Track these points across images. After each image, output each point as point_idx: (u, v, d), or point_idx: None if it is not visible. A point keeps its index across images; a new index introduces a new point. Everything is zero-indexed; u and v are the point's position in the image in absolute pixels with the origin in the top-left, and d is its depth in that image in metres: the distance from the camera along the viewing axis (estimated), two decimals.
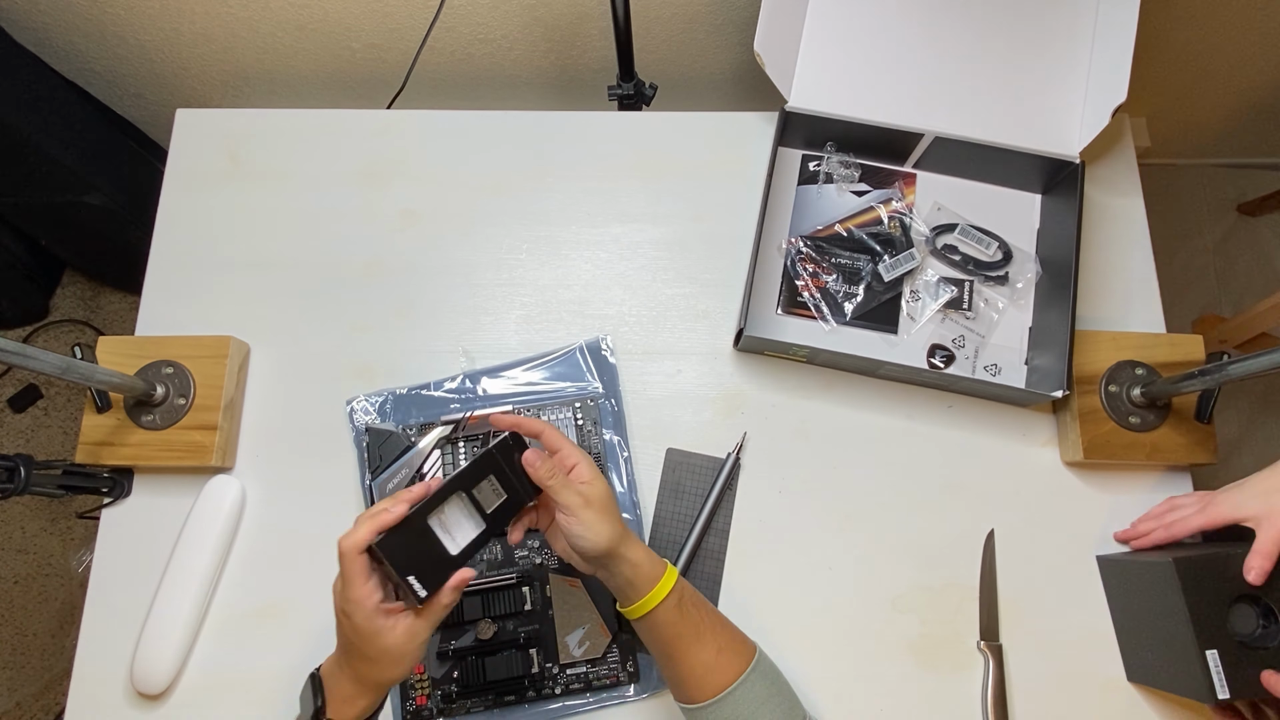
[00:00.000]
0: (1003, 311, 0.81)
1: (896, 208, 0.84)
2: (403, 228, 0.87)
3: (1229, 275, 1.52)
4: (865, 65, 0.83)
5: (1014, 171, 0.84)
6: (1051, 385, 0.74)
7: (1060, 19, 0.81)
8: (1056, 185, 0.83)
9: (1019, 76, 0.82)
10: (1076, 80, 0.81)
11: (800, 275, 0.82)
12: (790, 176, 0.87)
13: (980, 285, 0.83)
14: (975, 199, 0.86)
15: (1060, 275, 0.78)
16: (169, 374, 0.77)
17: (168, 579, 0.73)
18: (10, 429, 1.44)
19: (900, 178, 0.87)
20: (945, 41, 0.82)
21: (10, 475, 0.67)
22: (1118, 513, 0.77)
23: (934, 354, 0.80)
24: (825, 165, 0.86)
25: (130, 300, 1.52)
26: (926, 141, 0.82)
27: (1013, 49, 0.82)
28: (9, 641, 1.34)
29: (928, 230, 0.84)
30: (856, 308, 0.82)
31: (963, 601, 0.75)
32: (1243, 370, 0.62)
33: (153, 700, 0.71)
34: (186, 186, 0.88)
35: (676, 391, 0.81)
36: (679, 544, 0.76)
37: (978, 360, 0.80)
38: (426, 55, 0.96)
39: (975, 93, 0.82)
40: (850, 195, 0.86)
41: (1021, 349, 0.81)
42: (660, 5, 0.99)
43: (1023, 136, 0.81)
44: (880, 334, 0.81)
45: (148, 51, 1.07)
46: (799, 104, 0.82)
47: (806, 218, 0.85)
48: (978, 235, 0.83)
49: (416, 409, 0.79)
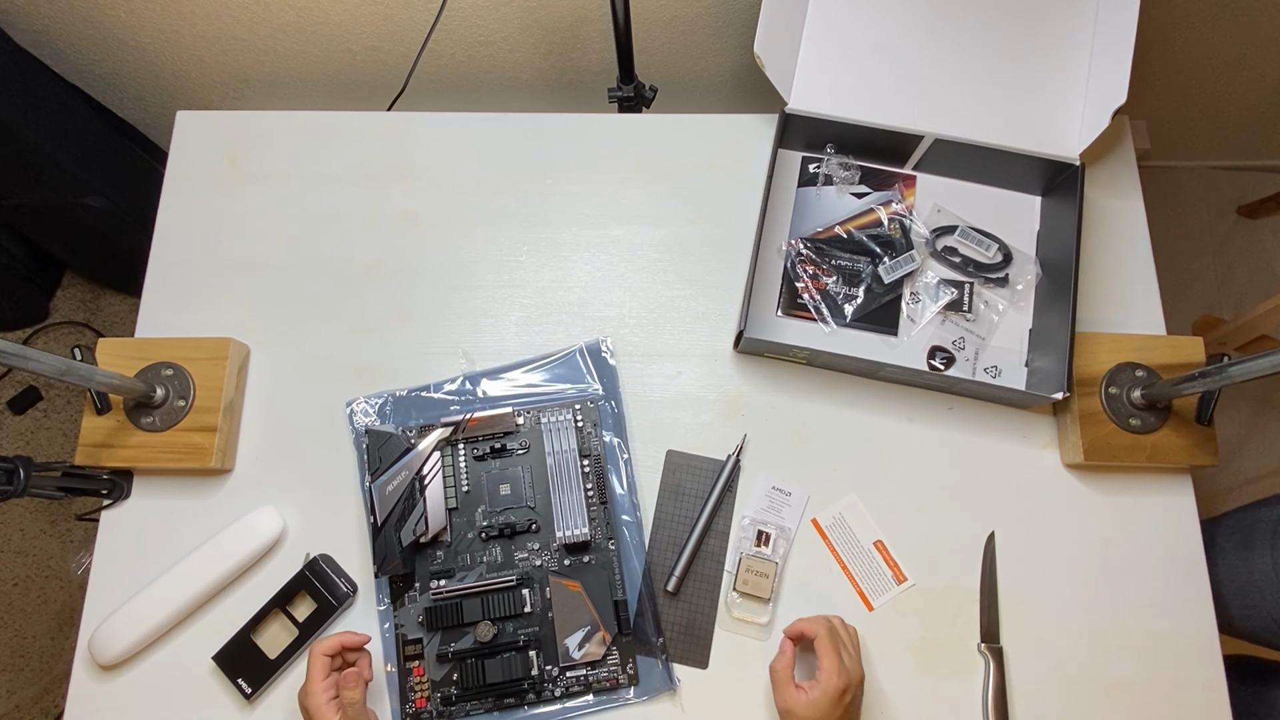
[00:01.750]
0: (1003, 314, 0.81)
1: (896, 210, 0.84)
2: (403, 230, 0.87)
3: (1229, 277, 1.52)
4: (865, 67, 0.83)
5: (1014, 173, 0.84)
6: (1052, 387, 0.74)
7: (1060, 21, 0.82)
8: (1056, 187, 0.83)
9: (1019, 78, 0.82)
10: (1076, 82, 0.81)
11: (800, 277, 0.82)
12: (790, 178, 0.87)
13: (980, 287, 0.83)
14: (975, 201, 0.86)
15: (1060, 277, 0.78)
16: (169, 376, 0.77)
17: (172, 573, 0.73)
18: (10, 431, 1.44)
19: (900, 179, 0.87)
20: (945, 43, 0.83)
21: (10, 477, 0.67)
22: (1118, 515, 0.77)
23: (934, 355, 0.80)
24: (825, 167, 0.86)
25: (130, 302, 1.52)
26: (926, 144, 0.82)
27: (1012, 51, 0.82)
28: (8, 644, 1.34)
29: (927, 232, 0.84)
30: (856, 310, 0.81)
31: (963, 604, 0.75)
32: (1243, 372, 0.62)
33: (103, 671, 0.73)
34: (187, 188, 0.88)
35: (677, 393, 0.81)
36: (679, 546, 0.76)
37: (978, 362, 0.80)
38: (427, 57, 0.96)
39: (975, 94, 0.82)
40: (850, 197, 0.86)
41: (1022, 350, 0.81)
42: (660, 8, 0.99)
43: (1022, 138, 0.81)
44: (880, 336, 0.81)
45: (148, 54, 1.08)
46: (799, 106, 0.82)
47: (806, 219, 0.85)
48: (977, 237, 0.83)
49: (416, 411, 0.79)
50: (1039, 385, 0.77)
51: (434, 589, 0.73)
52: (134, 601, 0.72)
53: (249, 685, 0.71)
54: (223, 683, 0.72)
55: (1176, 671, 0.73)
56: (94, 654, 0.72)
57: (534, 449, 0.77)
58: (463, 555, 0.74)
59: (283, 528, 0.76)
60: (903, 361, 0.78)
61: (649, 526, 0.77)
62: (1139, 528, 0.76)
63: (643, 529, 0.76)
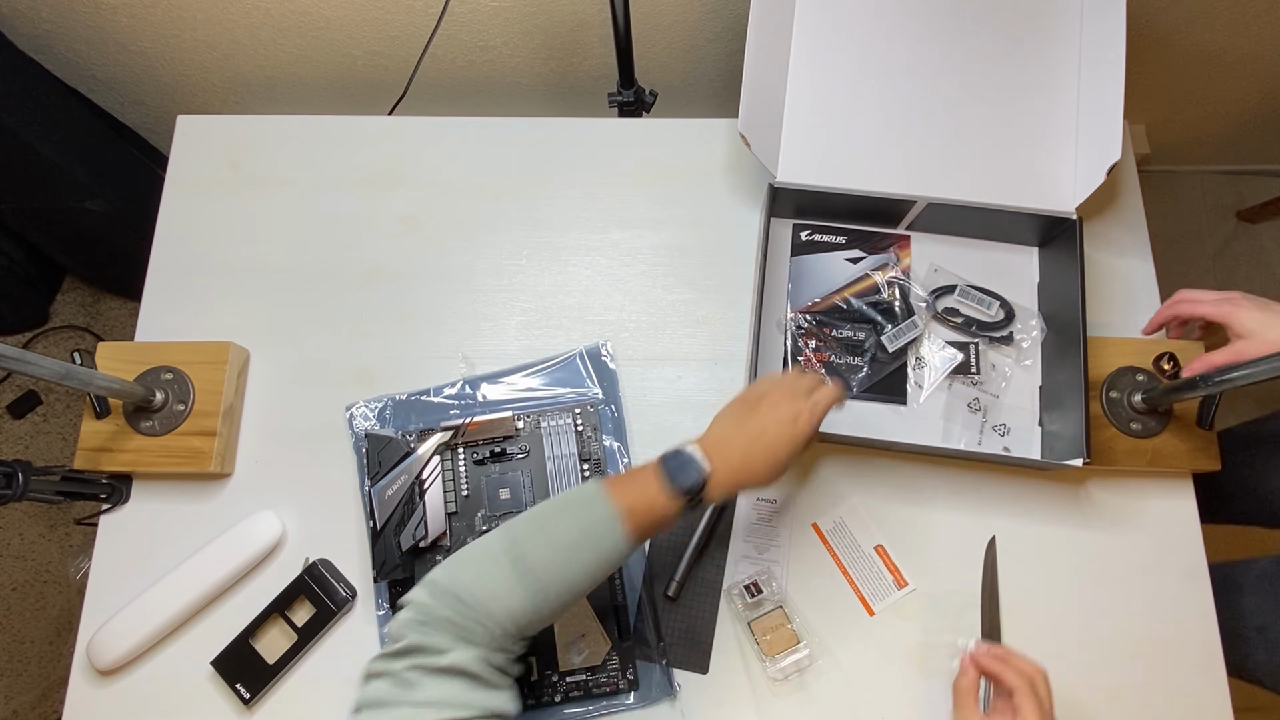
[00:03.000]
0: (1009, 377, 0.79)
1: (894, 274, 0.83)
2: (403, 233, 0.87)
3: (1229, 282, 1.52)
4: (850, 133, 0.81)
5: (1009, 228, 0.82)
6: (1072, 453, 0.72)
7: (1041, 74, 0.80)
8: (1054, 239, 0.81)
9: (1006, 134, 0.80)
10: (1066, 133, 0.80)
11: (802, 351, 0.80)
12: (784, 247, 0.85)
13: (985, 348, 0.80)
14: (972, 257, 0.84)
15: (1065, 329, 0.76)
16: (168, 380, 0.77)
17: (171, 578, 0.73)
18: (9, 435, 1.44)
19: (895, 241, 0.85)
20: (928, 104, 0.81)
21: (8, 481, 0.67)
22: (1120, 519, 0.77)
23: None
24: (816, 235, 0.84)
25: (130, 306, 1.52)
26: (919, 207, 0.80)
27: (997, 107, 0.80)
28: (6, 648, 1.33)
29: (926, 294, 0.82)
30: (863, 381, 0.79)
31: (964, 609, 0.74)
32: (1244, 376, 0.62)
33: (101, 676, 0.72)
34: (187, 192, 0.89)
35: (677, 397, 0.81)
36: (679, 550, 0.75)
37: (987, 421, 0.78)
38: (428, 62, 0.96)
39: (964, 154, 0.80)
40: (846, 263, 0.84)
41: (1034, 409, 0.79)
42: (660, 12, 0.99)
43: (1015, 195, 0.79)
44: (890, 406, 0.79)
45: (149, 58, 1.08)
46: (787, 178, 0.80)
47: (804, 289, 0.83)
48: (977, 296, 0.82)
49: (416, 415, 0.79)
50: (1060, 452, 0.75)
51: None
52: (132, 606, 0.72)
53: (248, 690, 0.71)
54: (221, 688, 0.72)
55: (1179, 676, 0.72)
56: (92, 659, 0.71)
57: (534, 453, 0.77)
58: None
59: (282, 532, 0.76)
60: (914, 429, 0.77)
61: None
62: (1140, 532, 0.76)
63: None
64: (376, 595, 0.74)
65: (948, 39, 0.81)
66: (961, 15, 0.81)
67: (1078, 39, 0.80)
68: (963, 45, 0.81)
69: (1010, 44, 0.81)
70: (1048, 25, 0.81)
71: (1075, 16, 0.80)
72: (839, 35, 0.82)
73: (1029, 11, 0.81)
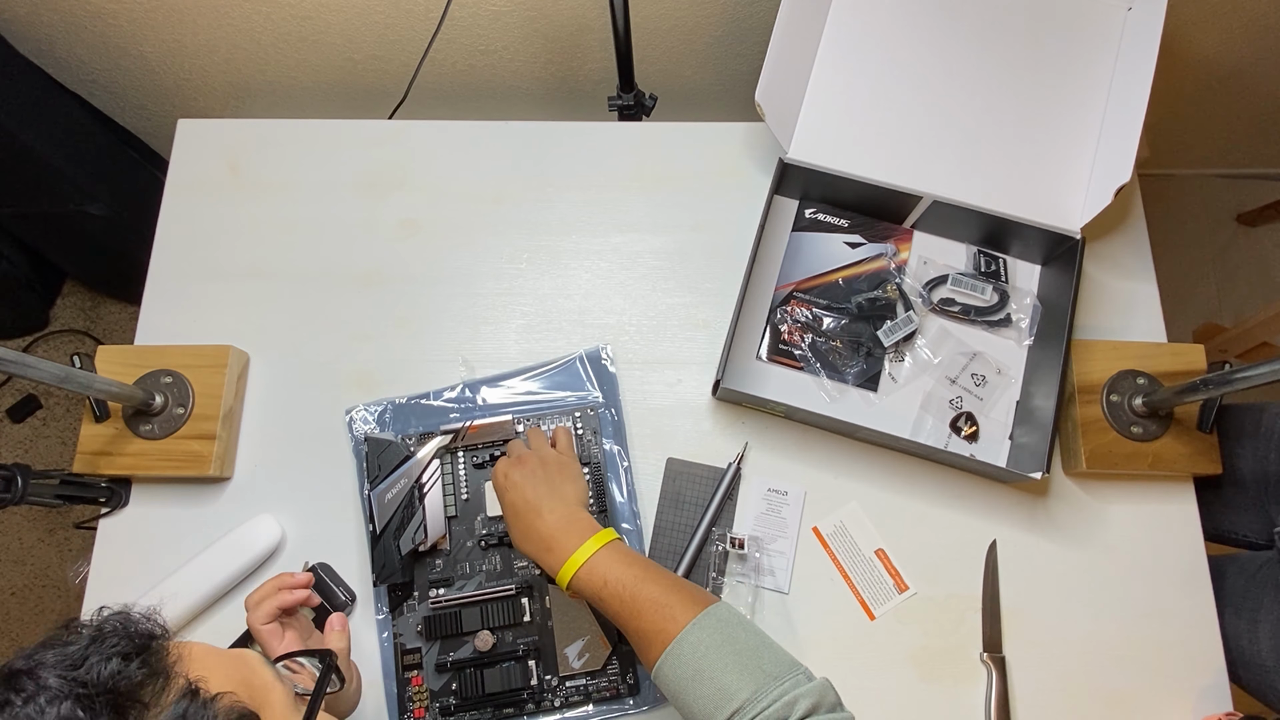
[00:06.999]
0: (994, 383, 0.80)
1: (890, 265, 0.83)
2: (403, 237, 0.87)
3: (1229, 285, 1.52)
4: (868, 123, 0.81)
5: (1011, 240, 0.82)
6: (1032, 465, 0.72)
7: (1073, 92, 0.80)
8: (1056, 258, 0.81)
9: (1025, 146, 0.80)
10: (1084, 153, 0.79)
11: (785, 320, 0.81)
12: (785, 223, 0.85)
13: (985, 332, 0.81)
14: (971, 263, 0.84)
15: (1052, 343, 0.76)
16: (168, 383, 0.77)
17: (170, 582, 0.72)
18: (9, 439, 1.44)
19: (896, 234, 0.85)
20: (954, 105, 0.81)
21: (7, 485, 0.67)
22: (1121, 523, 0.76)
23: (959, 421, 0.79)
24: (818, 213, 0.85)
25: (130, 310, 1.52)
26: (925, 204, 0.81)
27: (1022, 118, 0.80)
28: (4, 653, 1.33)
29: (920, 286, 0.82)
30: (858, 375, 0.80)
31: (965, 613, 0.74)
32: (1245, 380, 0.62)
33: None
34: (187, 196, 0.89)
35: (677, 401, 0.81)
36: (679, 553, 0.75)
37: (961, 427, 0.79)
38: (428, 66, 0.96)
39: (979, 159, 0.80)
40: (844, 246, 0.84)
41: (1007, 424, 0.79)
42: (660, 16, 1.00)
43: (1022, 207, 0.79)
44: (860, 391, 0.80)
45: (150, 62, 1.08)
46: (798, 156, 0.81)
47: (799, 264, 0.84)
48: (969, 282, 0.82)
49: (416, 418, 0.79)
50: (1021, 463, 0.75)
51: (433, 598, 0.72)
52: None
53: None
54: None
55: (1180, 681, 0.72)
56: None
57: None
58: (462, 564, 0.74)
59: (281, 536, 0.75)
60: (881, 420, 0.77)
61: (649, 534, 0.76)
62: (1141, 536, 0.76)
63: (643, 537, 0.76)
64: (376, 599, 0.74)
65: (982, 45, 0.81)
66: (1002, 26, 0.81)
67: (1113, 62, 0.80)
68: (997, 53, 0.81)
69: (1045, 58, 0.81)
70: (1086, 45, 0.80)
71: (1115, 39, 0.80)
72: (877, 23, 0.82)
73: (1069, 30, 0.80)
